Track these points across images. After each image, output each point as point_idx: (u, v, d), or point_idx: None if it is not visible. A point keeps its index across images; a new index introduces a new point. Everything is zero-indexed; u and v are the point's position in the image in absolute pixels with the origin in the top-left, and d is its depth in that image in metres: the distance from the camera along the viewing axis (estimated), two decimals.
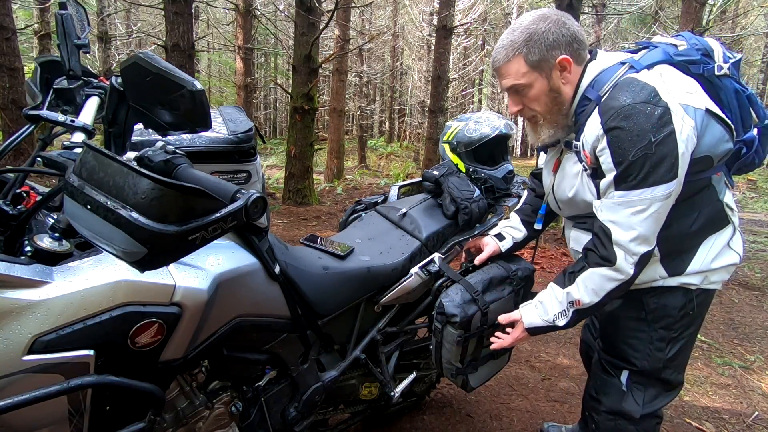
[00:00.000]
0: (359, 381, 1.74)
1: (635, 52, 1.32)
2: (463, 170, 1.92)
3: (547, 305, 1.36)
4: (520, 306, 1.46)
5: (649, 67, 1.23)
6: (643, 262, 1.22)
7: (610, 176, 1.18)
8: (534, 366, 2.76)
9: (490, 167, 1.93)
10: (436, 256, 1.69)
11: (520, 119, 23.18)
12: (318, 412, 1.63)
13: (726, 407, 2.44)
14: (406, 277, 1.63)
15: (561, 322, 1.33)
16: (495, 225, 1.87)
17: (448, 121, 2.08)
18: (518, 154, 22.47)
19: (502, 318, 1.47)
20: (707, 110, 1.19)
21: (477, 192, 1.83)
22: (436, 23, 8.65)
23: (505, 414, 2.28)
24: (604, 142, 1.17)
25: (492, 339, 1.50)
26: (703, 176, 1.26)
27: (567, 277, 1.33)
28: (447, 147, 1.97)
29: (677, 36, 1.32)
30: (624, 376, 1.45)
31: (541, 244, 4.87)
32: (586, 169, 1.28)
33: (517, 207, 1.78)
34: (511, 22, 16.07)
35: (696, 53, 1.25)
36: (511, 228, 1.72)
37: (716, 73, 1.25)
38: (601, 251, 1.24)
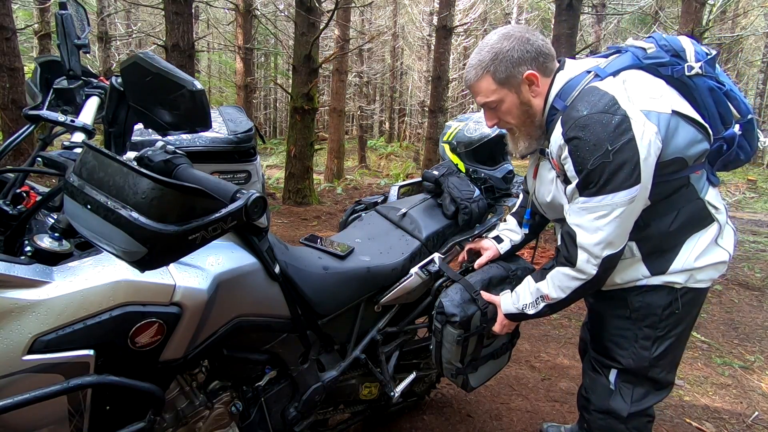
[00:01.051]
0: (359, 381, 1.74)
1: (607, 56, 1.36)
2: (463, 170, 1.92)
3: (520, 295, 1.45)
4: (501, 293, 1.54)
5: (615, 73, 1.26)
6: (607, 263, 1.25)
7: (573, 183, 1.23)
8: (534, 366, 2.76)
9: (490, 167, 1.93)
10: (436, 256, 1.69)
11: None
12: (318, 412, 1.63)
13: (726, 407, 2.44)
14: (406, 277, 1.63)
15: (530, 311, 1.42)
16: (495, 225, 1.87)
17: (448, 121, 2.09)
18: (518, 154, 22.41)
19: (485, 296, 1.54)
20: (674, 112, 1.21)
21: (477, 192, 1.83)
22: (436, 23, 8.66)
23: (505, 414, 2.28)
24: (566, 151, 1.22)
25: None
26: (678, 176, 1.27)
27: (540, 273, 1.42)
28: (447, 147, 1.97)
29: (647, 38, 1.34)
30: (612, 374, 1.46)
31: (541, 244, 4.87)
32: (558, 176, 1.32)
33: (513, 210, 1.80)
34: (511, 22, 16.08)
35: (665, 55, 1.28)
36: (508, 231, 1.73)
37: (687, 73, 1.26)
38: (564, 252, 1.30)
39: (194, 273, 1.05)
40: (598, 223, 1.21)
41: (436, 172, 1.90)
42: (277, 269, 1.26)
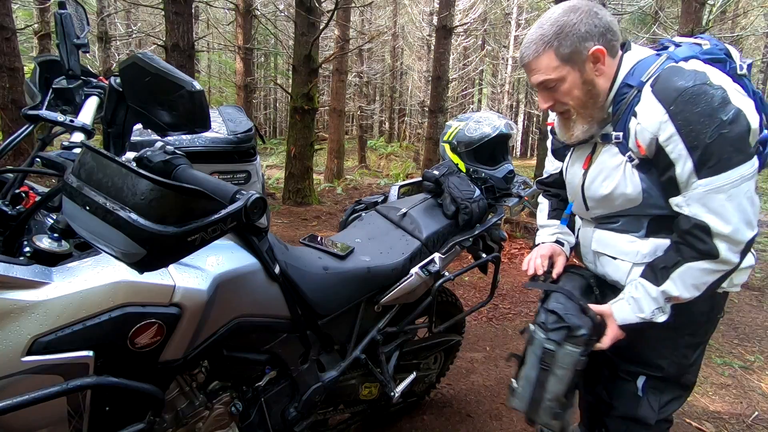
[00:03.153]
0: (359, 381, 1.73)
1: (659, 50, 1.28)
2: (464, 170, 1.92)
3: (641, 303, 1.25)
4: (610, 302, 1.32)
5: (685, 59, 1.18)
6: (748, 247, 1.13)
7: (687, 165, 1.11)
8: None
9: (491, 167, 1.93)
10: (437, 256, 1.69)
11: (520, 119, 23.20)
12: (318, 412, 1.63)
13: (726, 407, 2.44)
14: (406, 277, 1.63)
15: (660, 318, 1.24)
16: (496, 225, 1.87)
17: (449, 121, 2.08)
18: (518, 153, 22.46)
19: (594, 307, 1.31)
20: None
21: (477, 192, 1.82)
22: (436, 23, 8.65)
23: (505, 414, 2.28)
24: (670, 129, 1.10)
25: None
26: None
27: (659, 273, 1.23)
28: (447, 147, 1.97)
29: (699, 36, 1.29)
30: (641, 381, 1.39)
31: None
32: (632, 160, 1.21)
33: (547, 215, 1.63)
34: (510, 22, 16.08)
35: (719, 52, 1.22)
36: (560, 234, 1.56)
37: (738, 72, 1.22)
38: (700, 246, 1.14)
39: (194, 273, 1.05)
40: (730, 205, 1.08)
41: (436, 172, 1.89)
42: (277, 269, 1.26)
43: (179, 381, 1.20)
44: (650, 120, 1.13)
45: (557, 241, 1.54)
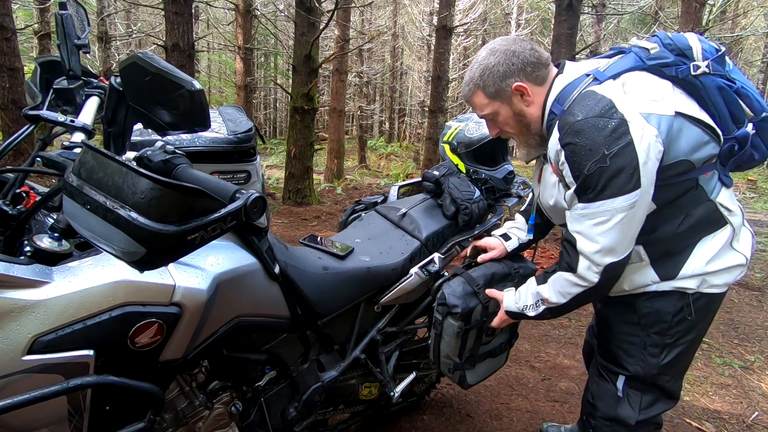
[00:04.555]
0: (359, 381, 1.74)
1: (610, 57, 1.33)
2: (464, 171, 1.92)
3: (522, 295, 1.45)
4: (504, 290, 1.54)
5: (615, 76, 1.24)
6: (610, 271, 1.22)
7: (572, 189, 1.21)
8: (534, 366, 2.76)
9: (491, 168, 1.93)
10: (436, 256, 1.69)
11: None
12: (318, 412, 1.63)
13: (726, 407, 2.44)
14: (406, 277, 1.63)
15: (530, 313, 1.42)
16: (497, 225, 1.87)
17: (449, 122, 2.08)
18: (517, 154, 22.41)
19: (489, 292, 1.55)
20: (678, 114, 1.19)
21: (477, 193, 1.83)
22: (436, 23, 8.65)
23: (505, 414, 2.28)
24: (562, 157, 1.20)
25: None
26: (685, 178, 1.24)
27: (543, 276, 1.42)
28: (447, 147, 1.97)
29: (651, 38, 1.31)
30: (620, 381, 1.43)
31: (541, 244, 4.87)
32: (559, 180, 1.30)
33: (522, 208, 1.79)
34: (510, 22, 16.08)
35: (669, 55, 1.25)
36: (517, 228, 1.72)
37: (693, 72, 1.23)
38: (566, 258, 1.28)
39: (194, 273, 1.05)
40: (597, 230, 1.18)
41: (436, 173, 1.89)
42: (276, 269, 1.26)
43: (179, 380, 1.20)
44: (552, 147, 1.25)
45: (504, 234, 1.72)
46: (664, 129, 1.16)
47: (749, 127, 1.25)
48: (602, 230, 1.18)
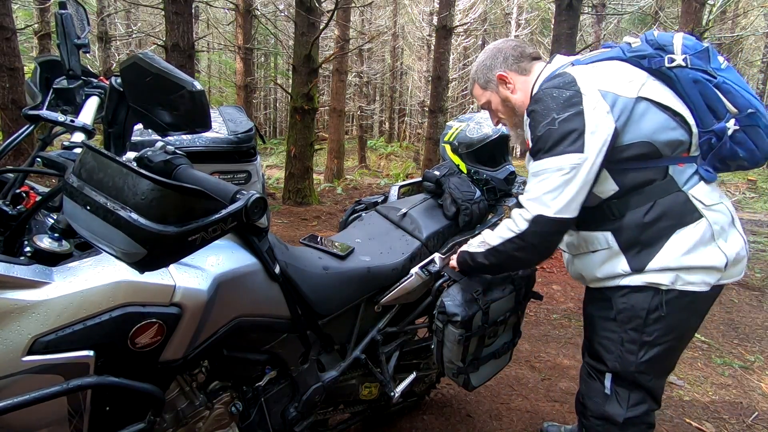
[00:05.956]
0: (359, 381, 1.74)
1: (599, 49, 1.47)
2: (465, 171, 1.92)
3: (471, 242, 1.57)
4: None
5: (586, 63, 1.38)
6: (538, 224, 1.28)
7: (531, 149, 1.34)
8: (534, 366, 2.76)
9: (492, 168, 1.93)
10: (437, 256, 1.69)
11: None
12: (318, 412, 1.63)
13: (726, 407, 2.44)
14: (406, 277, 1.63)
15: (472, 249, 1.52)
16: (497, 225, 1.87)
17: (449, 122, 2.08)
18: (518, 154, 22.41)
19: (451, 263, 1.64)
20: (642, 98, 1.27)
21: (478, 193, 1.83)
22: (436, 23, 8.65)
23: (505, 414, 2.28)
24: (527, 125, 1.37)
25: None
26: (652, 165, 1.29)
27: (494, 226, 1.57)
28: (448, 147, 1.97)
29: (641, 37, 1.40)
30: (608, 379, 1.44)
31: None
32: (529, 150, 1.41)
33: None
34: (510, 22, 16.08)
35: (648, 48, 1.34)
36: None
37: (666, 64, 1.30)
38: (514, 206, 1.43)
39: (194, 273, 1.05)
40: (536, 181, 1.29)
41: (437, 173, 1.89)
42: (277, 269, 1.26)
43: (179, 381, 1.20)
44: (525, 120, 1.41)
45: None
46: (619, 108, 1.25)
47: (730, 122, 1.26)
48: (539, 181, 1.28)
